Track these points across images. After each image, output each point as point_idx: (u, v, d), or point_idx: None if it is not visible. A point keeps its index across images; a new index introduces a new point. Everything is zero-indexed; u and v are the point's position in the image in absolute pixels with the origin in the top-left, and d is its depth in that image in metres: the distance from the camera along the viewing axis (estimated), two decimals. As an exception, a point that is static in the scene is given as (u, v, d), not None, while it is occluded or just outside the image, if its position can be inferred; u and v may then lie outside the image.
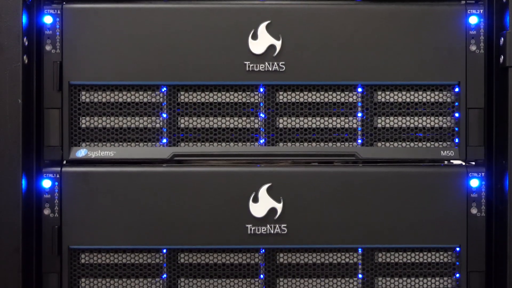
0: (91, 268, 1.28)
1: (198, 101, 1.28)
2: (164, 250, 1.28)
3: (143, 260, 1.28)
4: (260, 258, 1.28)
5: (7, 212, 1.21)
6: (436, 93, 1.28)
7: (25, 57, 1.22)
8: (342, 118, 1.28)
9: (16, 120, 1.21)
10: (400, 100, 1.28)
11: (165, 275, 1.28)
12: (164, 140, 1.28)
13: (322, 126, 1.28)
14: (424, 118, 1.28)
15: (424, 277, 1.29)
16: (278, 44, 1.25)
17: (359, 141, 1.28)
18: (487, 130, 1.28)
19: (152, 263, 1.28)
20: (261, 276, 1.28)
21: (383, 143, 1.29)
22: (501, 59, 1.24)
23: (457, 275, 1.28)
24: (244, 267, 1.28)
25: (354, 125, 1.28)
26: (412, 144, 1.28)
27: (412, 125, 1.28)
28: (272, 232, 1.26)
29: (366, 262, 1.28)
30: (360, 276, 1.29)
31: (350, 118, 1.28)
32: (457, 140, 1.28)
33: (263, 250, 1.28)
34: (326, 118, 1.28)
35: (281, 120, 1.28)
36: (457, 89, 1.27)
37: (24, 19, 1.21)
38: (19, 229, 1.22)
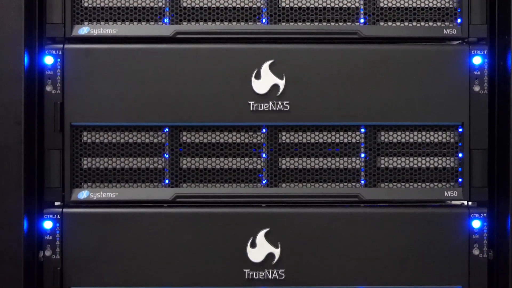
0: (93, 146, 1.27)
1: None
2: (166, 129, 1.27)
3: (145, 138, 1.28)
4: (263, 137, 1.28)
5: (8, 86, 1.21)
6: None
7: None
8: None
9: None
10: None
11: (167, 155, 1.28)
12: (166, 20, 1.28)
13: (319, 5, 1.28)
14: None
15: (427, 156, 1.28)
16: None
17: (362, 20, 1.28)
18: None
19: (154, 142, 1.28)
20: (264, 155, 1.28)
21: (385, 23, 1.29)
22: None
23: (460, 154, 1.28)
24: (247, 145, 1.28)
25: (357, 5, 1.28)
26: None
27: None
28: (275, 108, 1.26)
29: (369, 141, 1.28)
30: (362, 155, 1.28)
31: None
32: (459, 20, 1.28)
33: (265, 130, 1.28)
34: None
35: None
36: None
37: None
38: (21, 102, 1.22)
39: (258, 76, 1.25)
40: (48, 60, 1.26)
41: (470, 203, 1.30)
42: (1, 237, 1.22)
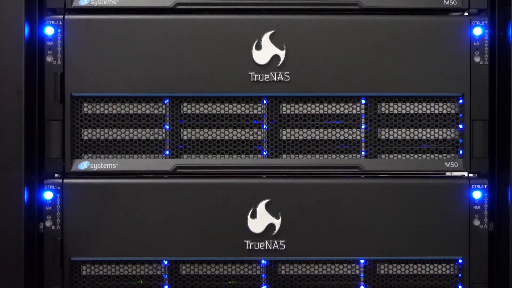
0: (94, 117, 1.27)
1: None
2: (167, 100, 1.27)
3: (145, 109, 1.28)
4: (263, 108, 1.28)
5: (9, 56, 1.21)
6: None
7: None
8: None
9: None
10: None
11: (167, 126, 1.28)
12: (167, -9, 1.28)
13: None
14: None
15: (428, 127, 1.28)
16: None
17: (362, -9, 1.29)
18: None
19: (154, 113, 1.28)
20: (264, 126, 1.28)
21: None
22: None
23: (461, 125, 1.28)
24: (247, 116, 1.28)
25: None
26: None
27: None
28: (275, 79, 1.26)
29: (369, 112, 1.28)
30: (363, 126, 1.28)
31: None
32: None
33: (266, 101, 1.28)
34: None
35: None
36: None
37: None
38: (21, 72, 1.22)
39: (258, 47, 1.25)
40: (49, 30, 1.26)
41: (470, 174, 1.30)
42: (1, 208, 1.22)
